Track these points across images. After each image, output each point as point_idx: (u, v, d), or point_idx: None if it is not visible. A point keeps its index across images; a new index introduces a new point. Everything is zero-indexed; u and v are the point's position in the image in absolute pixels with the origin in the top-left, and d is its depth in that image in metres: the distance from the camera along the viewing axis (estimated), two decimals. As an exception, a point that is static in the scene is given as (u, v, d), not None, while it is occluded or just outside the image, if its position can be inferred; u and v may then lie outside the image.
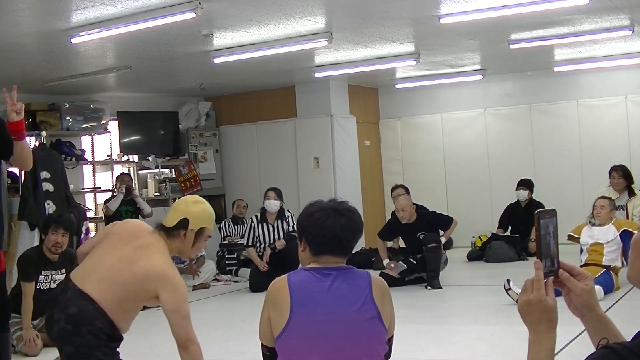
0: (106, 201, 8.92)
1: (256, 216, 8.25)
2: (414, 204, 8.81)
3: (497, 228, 9.81)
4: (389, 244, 8.65)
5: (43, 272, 5.59)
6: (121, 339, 3.41)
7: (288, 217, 8.16)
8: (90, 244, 3.65)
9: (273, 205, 8.11)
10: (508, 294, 6.18)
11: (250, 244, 8.20)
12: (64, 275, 5.73)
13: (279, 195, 8.19)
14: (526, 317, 1.55)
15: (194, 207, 3.48)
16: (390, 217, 8.46)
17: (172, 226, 3.43)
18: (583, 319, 1.63)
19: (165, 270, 3.31)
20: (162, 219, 3.56)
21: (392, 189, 9.17)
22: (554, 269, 1.61)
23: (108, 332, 3.29)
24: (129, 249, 3.38)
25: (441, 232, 7.91)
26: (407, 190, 8.97)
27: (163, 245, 3.41)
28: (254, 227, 8.18)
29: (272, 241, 8.11)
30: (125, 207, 8.78)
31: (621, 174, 8.25)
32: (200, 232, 3.46)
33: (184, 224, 3.43)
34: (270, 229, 8.16)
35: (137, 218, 8.32)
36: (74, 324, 3.24)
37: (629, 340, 1.41)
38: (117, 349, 3.41)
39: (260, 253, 8.12)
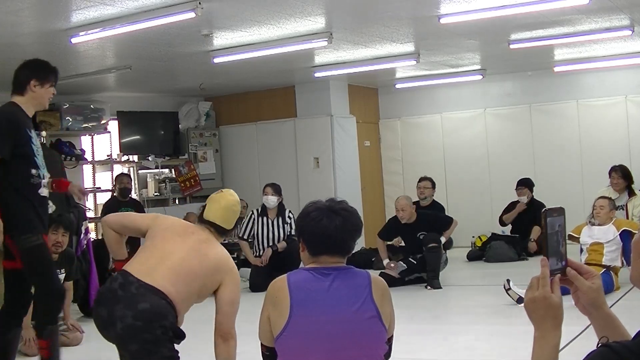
0: (106, 208, 8.82)
1: (257, 210, 8.25)
2: (434, 200, 8.86)
3: (501, 215, 9.78)
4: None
5: (43, 272, 5.57)
6: (184, 336, 3.32)
7: (289, 217, 8.13)
8: (130, 221, 3.66)
9: (271, 201, 8.11)
10: (508, 294, 6.17)
11: (245, 237, 8.19)
12: (64, 275, 5.72)
13: (277, 190, 8.19)
14: (531, 314, 1.57)
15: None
16: (391, 217, 8.45)
17: (230, 228, 3.65)
18: (590, 317, 1.64)
19: (232, 262, 3.52)
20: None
21: (419, 180, 9.10)
22: (561, 267, 1.61)
23: (175, 327, 3.24)
24: (191, 242, 3.42)
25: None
26: (433, 184, 8.96)
27: (216, 239, 3.57)
28: (254, 219, 8.17)
29: (270, 237, 8.10)
30: (126, 209, 8.76)
31: (621, 174, 8.24)
32: None
33: (237, 223, 3.72)
34: (270, 223, 8.15)
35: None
36: (145, 320, 3.11)
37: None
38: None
39: (259, 254, 8.11)
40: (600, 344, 1.38)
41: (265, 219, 8.15)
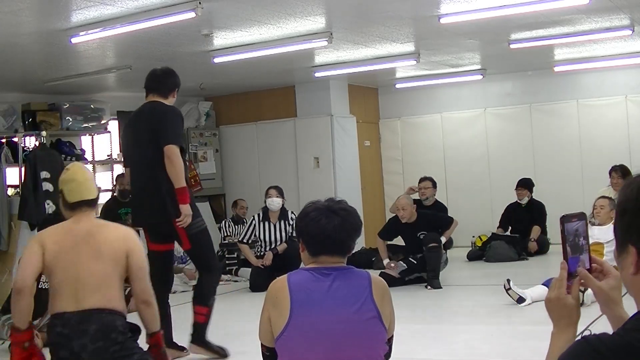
0: (106, 208, 8.79)
1: (258, 215, 8.21)
2: (436, 200, 8.86)
3: (497, 227, 9.81)
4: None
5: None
6: (139, 329, 3.46)
7: (292, 219, 8.07)
8: (34, 265, 3.35)
9: (275, 203, 8.08)
10: (508, 294, 6.17)
11: (245, 241, 8.17)
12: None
13: (281, 193, 8.16)
14: (549, 312, 1.67)
15: None
16: (391, 217, 8.45)
17: (96, 195, 3.58)
18: (606, 315, 1.68)
19: (123, 229, 3.50)
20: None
21: (420, 180, 9.10)
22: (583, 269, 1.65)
23: (128, 325, 3.37)
24: (85, 247, 3.36)
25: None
26: (434, 184, 8.95)
27: (92, 214, 3.53)
28: (255, 225, 8.15)
29: (273, 241, 8.09)
30: (125, 209, 8.75)
31: (621, 174, 8.25)
32: None
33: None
34: (272, 227, 8.13)
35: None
36: (102, 339, 3.26)
37: None
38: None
39: (261, 254, 8.10)
40: (581, 337, 1.41)
41: (267, 223, 8.12)
